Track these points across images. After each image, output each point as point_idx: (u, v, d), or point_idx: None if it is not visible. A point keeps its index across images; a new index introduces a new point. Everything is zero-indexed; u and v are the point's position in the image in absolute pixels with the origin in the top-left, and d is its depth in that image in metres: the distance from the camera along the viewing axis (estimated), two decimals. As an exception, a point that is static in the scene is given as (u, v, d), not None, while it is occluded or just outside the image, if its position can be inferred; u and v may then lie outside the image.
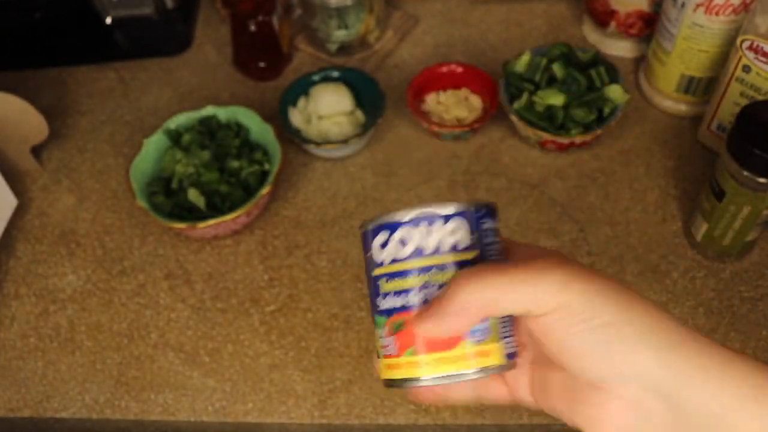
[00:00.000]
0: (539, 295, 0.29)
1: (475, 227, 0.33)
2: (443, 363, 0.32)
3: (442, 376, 0.32)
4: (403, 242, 0.33)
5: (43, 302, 0.66)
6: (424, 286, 0.32)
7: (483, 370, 0.32)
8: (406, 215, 0.33)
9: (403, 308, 0.33)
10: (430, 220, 0.32)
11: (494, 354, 0.33)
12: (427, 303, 0.32)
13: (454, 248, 0.32)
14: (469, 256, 0.33)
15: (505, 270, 0.30)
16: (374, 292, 0.34)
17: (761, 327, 0.60)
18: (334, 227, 0.69)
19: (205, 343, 0.62)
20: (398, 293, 0.33)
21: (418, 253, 0.32)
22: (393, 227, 0.33)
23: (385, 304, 0.34)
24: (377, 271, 0.34)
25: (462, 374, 0.32)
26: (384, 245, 0.33)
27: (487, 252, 0.33)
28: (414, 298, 0.33)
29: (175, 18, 0.88)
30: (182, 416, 0.59)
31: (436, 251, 0.32)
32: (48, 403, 0.60)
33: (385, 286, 0.34)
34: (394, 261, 0.33)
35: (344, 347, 0.61)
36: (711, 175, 0.59)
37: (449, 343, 0.32)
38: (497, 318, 0.33)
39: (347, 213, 0.69)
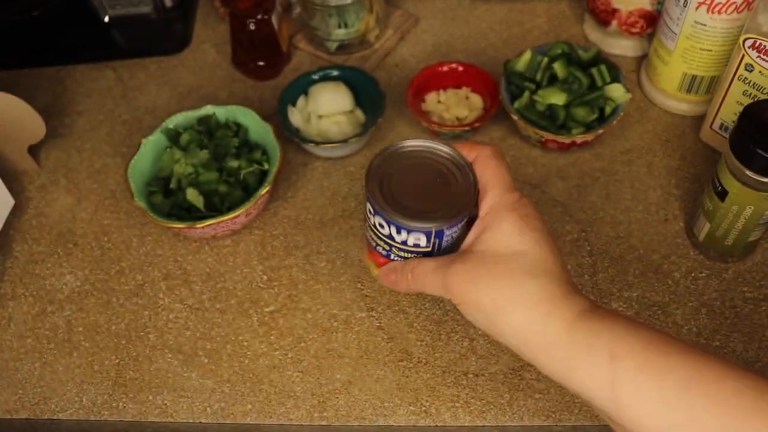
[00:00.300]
0: (450, 292, 0.43)
1: (436, 237, 0.46)
2: None
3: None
4: (380, 225, 0.46)
5: (40, 303, 0.66)
6: (389, 252, 0.48)
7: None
8: (384, 212, 0.45)
9: (373, 251, 0.50)
10: (399, 227, 0.45)
11: None
12: (388, 257, 0.48)
13: (415, 245, 0.46)
14: (422, 250, 0.47)
15: (436, 273, 0.44)
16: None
17: (764, 328, 0.59)
18: (333, 227, 0.68)
19: (203, 343, 0.62)
20: (373, 242, 0.49)
21: (390, 237, 0.47)
22: (374, 211, 0.46)
23: (368, 239, 0.50)
24: (368, 219, 0.48)
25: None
26: (371, 213, 0.47)
27: (442, 249, 0.47)
28: (381, 251, 0.48)
29: (173, 17, 0.88)
30: (181, 418, 0.58)
31: (403, 243, 0.46)
32: (45, 404, 0.60)
33: (369, 230, 0.49)
34: (374, 227, 0.47)
35: (344, 348, 0.61)
36: (713, 175, 0.58)
37: None
38: None
39: (347, 213, 0.69)
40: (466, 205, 0.45)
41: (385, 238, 0.47)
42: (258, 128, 0.69)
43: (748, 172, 0.54)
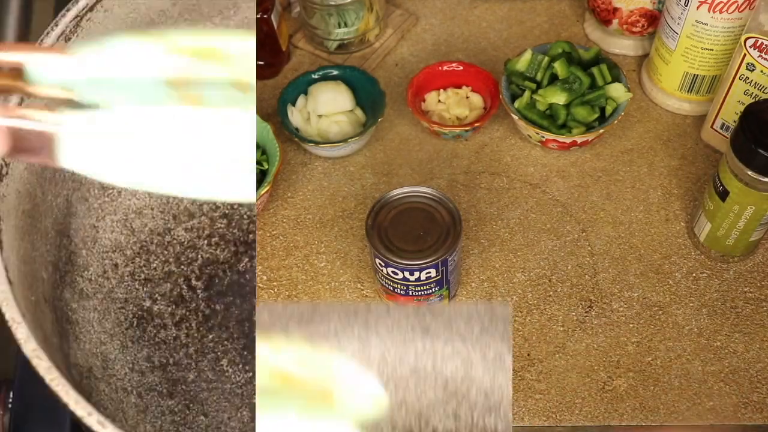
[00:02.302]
0: None
1: (442, 265, 0.54)
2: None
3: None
4: (393, 273, 0.55)
5: None
6: (407, 290, 0.57)
7: None
8: (393, 262, 0.54)
9: (392, 293, 0.58)
10: (411, 270, 0.54)
11: None
12: (407, 294, 0.57)
13: (427, 278, 0.55)
14: (434, 280, 0.55)
15: None
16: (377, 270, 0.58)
17: (765, 328, 0.59)
18: (333, 227, 0.68)
19: (203, 344, 0.62)
20: (389, 286, 0.57)
21: (404, 279, 0.55)
22: (385, 263, 0.55)
23: (383, 285, 0.59)
24: (378, 270, 0.57)
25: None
26: (382, 265, 0.56)
27: (449, 273, 0.56)
28: (400, 292, 0.57)
29: (173, 16, 0.87)
30: (180, 419, 0.58)
31: (417, 280, 0.55)
32: None
33: (383, 279, 0.57)
34: (388, 276, 0.56)
35: (343, 349, 0.60)
36: (714, 175, 0.58)
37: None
38: None
39: (347, 213, 0.69)
40: (456, 231, 0.54)
41: (400, 282, 0.55)
42: (257, 128, 0.69)
43: (749, 172, 0.53)
